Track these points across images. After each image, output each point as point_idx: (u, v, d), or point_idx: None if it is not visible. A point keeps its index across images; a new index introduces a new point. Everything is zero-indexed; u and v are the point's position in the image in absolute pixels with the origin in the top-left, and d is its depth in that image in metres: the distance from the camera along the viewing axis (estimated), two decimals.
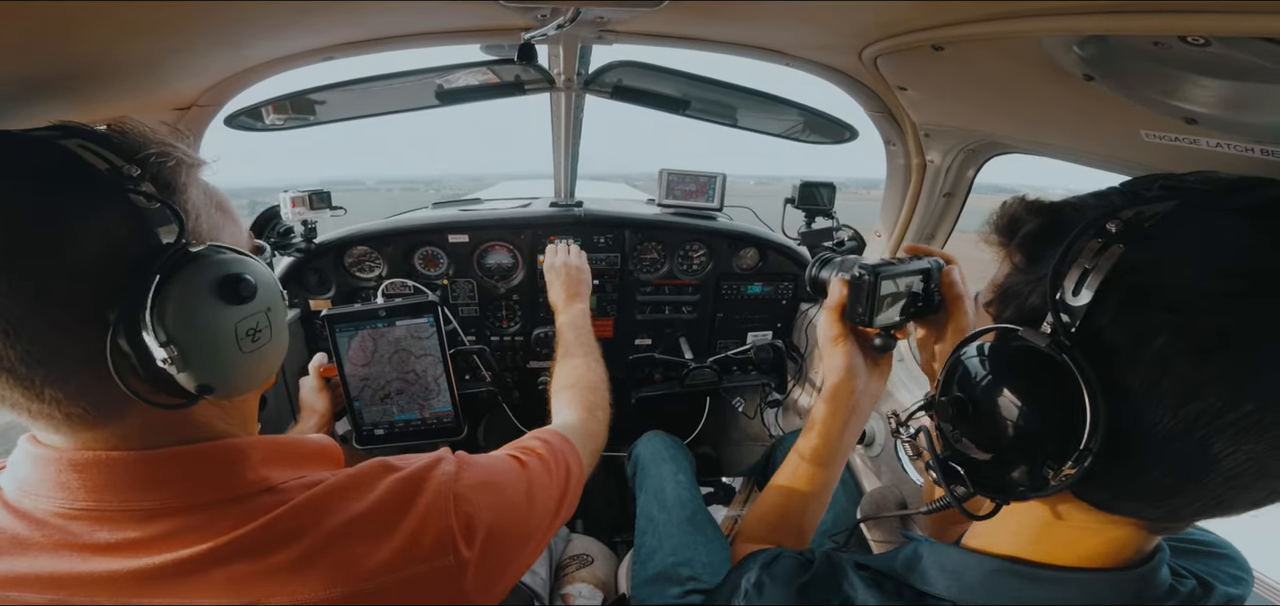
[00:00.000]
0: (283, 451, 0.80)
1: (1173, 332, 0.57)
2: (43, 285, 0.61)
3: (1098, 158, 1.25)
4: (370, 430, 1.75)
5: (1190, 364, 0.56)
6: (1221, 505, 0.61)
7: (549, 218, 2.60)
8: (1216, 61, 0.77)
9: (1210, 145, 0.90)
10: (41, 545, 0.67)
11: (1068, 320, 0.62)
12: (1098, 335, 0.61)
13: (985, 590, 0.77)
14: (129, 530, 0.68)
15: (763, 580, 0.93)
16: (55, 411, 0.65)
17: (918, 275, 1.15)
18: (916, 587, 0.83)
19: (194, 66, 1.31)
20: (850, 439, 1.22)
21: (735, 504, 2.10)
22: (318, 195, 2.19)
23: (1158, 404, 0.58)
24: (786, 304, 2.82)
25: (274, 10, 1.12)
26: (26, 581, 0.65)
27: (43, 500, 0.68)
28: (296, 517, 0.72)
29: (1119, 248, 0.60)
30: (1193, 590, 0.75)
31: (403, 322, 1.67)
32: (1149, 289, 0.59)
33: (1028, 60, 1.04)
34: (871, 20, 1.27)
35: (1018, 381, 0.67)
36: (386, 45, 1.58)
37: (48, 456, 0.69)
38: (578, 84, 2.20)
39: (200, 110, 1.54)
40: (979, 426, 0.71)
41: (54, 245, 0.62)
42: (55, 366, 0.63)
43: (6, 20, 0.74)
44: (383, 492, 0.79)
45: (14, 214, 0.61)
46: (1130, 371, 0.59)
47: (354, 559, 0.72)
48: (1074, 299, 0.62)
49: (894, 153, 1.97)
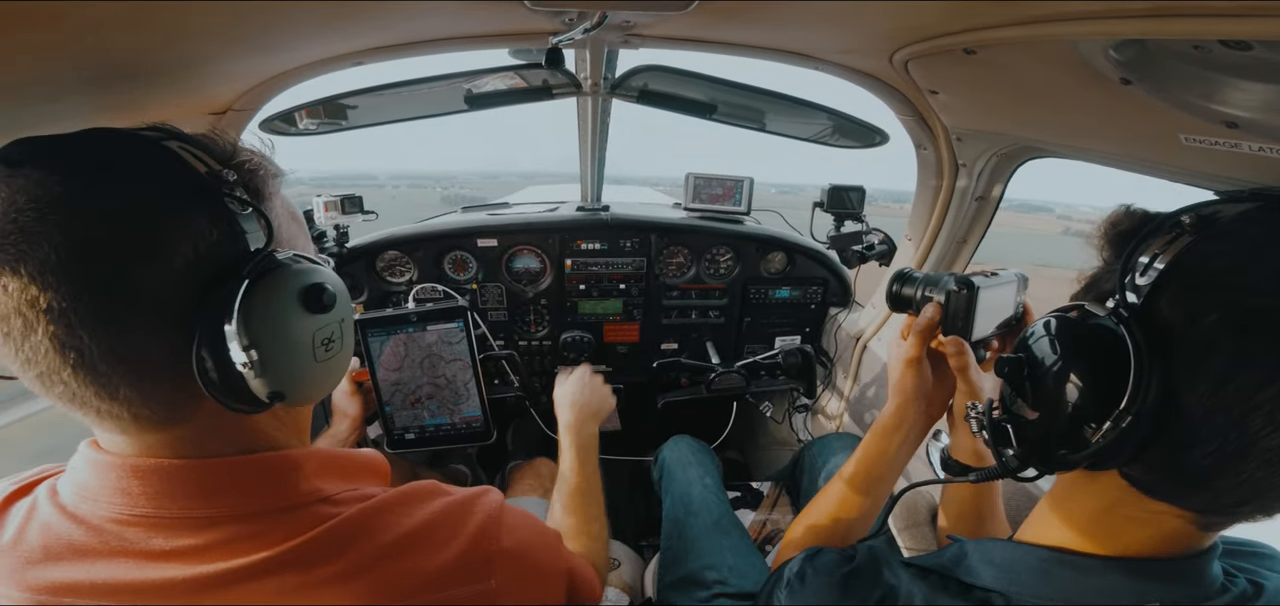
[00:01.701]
0: (336, 464, 0.81)
1: (1222, 312, 0.60)
2: (138, 282, 0.62)
3: (1134, 161, 1.22)
4: (401, 434, 1.77)
5: (1234, 342, 0.59)
6: (1262, 496, 0.64)
7: (576, 221, 2.61)
8: (1259, 65, 0.76)
9: (1252, 149, 0.88)
10: (98, 551, 0.68)
11: (1133, 299, 0.67)
12: (1155, 312, 0.65)
13: (1034, 580, 0.78)
14: (185, 537, 0.68)
15: (805, 570, 0.95)
16: (124, 411, 0.66)
17: (1008, 286, 1.16)
18: (963, 581, 0.83)
19: (230, 71, 1.34)
20: (903, 461, 1.22)
21: (763, 508, 2.08)
22: (349, 199, 2.22)
23: (1201, 380, 0.61)
24: (815, 308, 2.79)
25: (308, 14, 1.14)
26: (81, 588, 0.67)
27: (102, 506, 0.69)
28: (349, 530, 0.73)
29: (1187, 238, 0.65)
30: (1245, 590, 0.75)
31: (433, 327, 1.69)
32: (1209, 273, 0.63)
33: (1062, 64, 1.03)
34: (902, 24, 1.25)
35: (1074, 348, 0.73)
36: (416, 50, 1.60)
37: (110, 462, 0.70)
38: (604, 88, 2.20)
39: (236, 114, 1.57)
40: (1033, 387, 0.77)
41: (151, 244, 0.63)
42: (136, 364, 0.63)
43: (48, 24, 0.76)
44: (433, 513, 0.80)
45: (117, 210, 0.62)
46: (1179, 347, 0.63)
47: (401, 575, 0.74)
48: (1141, 279, 0.67)
49: (925, 157, 1.95)
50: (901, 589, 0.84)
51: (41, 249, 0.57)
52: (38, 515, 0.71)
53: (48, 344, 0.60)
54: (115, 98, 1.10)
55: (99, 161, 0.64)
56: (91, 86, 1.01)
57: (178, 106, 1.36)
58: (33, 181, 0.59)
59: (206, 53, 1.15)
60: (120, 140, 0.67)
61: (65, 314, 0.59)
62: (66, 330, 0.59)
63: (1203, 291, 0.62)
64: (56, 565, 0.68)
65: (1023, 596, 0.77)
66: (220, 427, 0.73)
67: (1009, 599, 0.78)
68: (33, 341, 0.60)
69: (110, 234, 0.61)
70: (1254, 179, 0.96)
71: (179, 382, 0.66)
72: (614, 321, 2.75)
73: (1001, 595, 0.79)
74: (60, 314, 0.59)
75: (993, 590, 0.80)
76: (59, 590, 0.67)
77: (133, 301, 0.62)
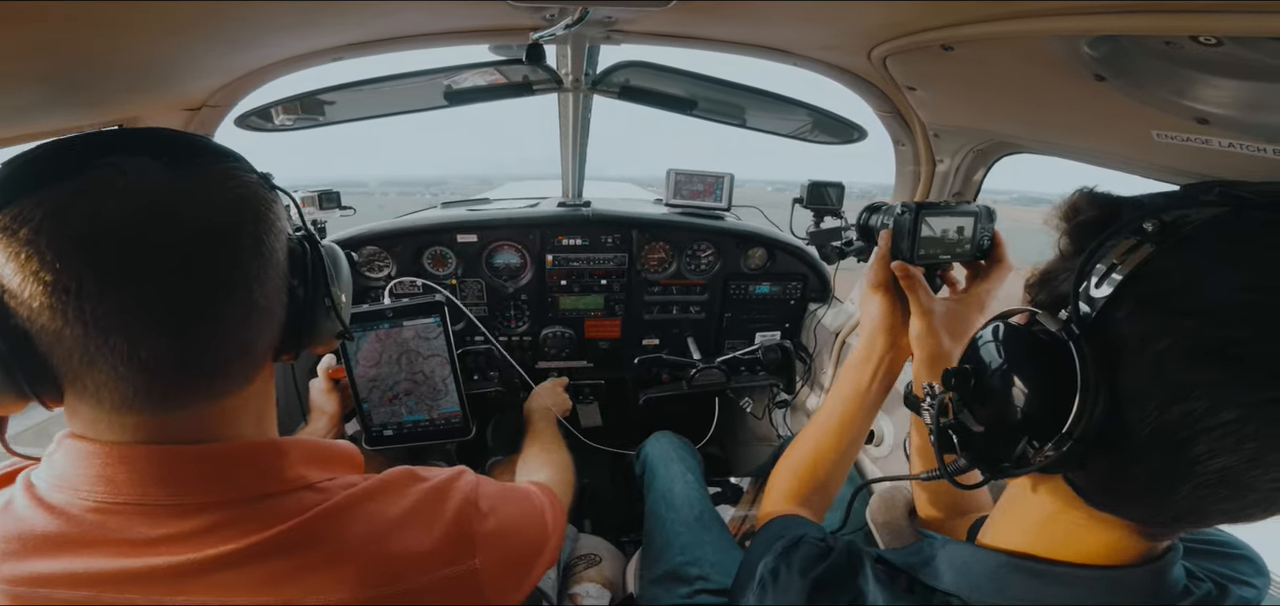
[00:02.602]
0: (317, 453, 0.83)
1: (1176, 337, 0.58)
2: (274, 249, 0.75)
3: (1109, 158, 1.24)
4: (379, 431, 1.76)
5: (1185, 368, 0.57)
6: (1197, 513, 0.63)
7: (557, 217, 2.60)
8: (1229, 61, 0.77)
9: (1222, 145, 0.89)
10: (76, 542, 0.67)
11: (1087, 310, 0.65)
12: (1108, 328, 0.63)
13: (991, 584, 0.78)
14: (168, 525, 0.68)
15: (779, 568, 0.95)
16: (159, 383, 0.68)
17: (968, 218, 1.16)
18: (927, 583, 0.83)
19: (204, 67, 1.32)
20: (878, 396, 1.22)
21: (743, 504, 2.09)
22: (327, 195, 2.20)
23: (1147, 402, 0.60)
24: (795, 304, 2.81)
25: (284, 11, 1.13)
26: (58, 579, 0.65)
27: (81, 494, 0.68)
28: (334, 517, 0.74)
29: (1148, 249, 0.62)
30: (1209, 592, 0.75)
31: (410, 323, 1.67)
32: (1165, 292, 0.60)
33: (1038, 60, 1.04)
34: (880, 20, 1.26)
35: (1021, 360, 0.70)
36: (395, 45, 1.59)
37: (94, 450, 0.69)
38: (585, 84, 2.20)
39: (210, 111, 1.55)
40: (979, 398, 0.74)
41: (280, 221, 0.77)
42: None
43: (17, 21, 0.75)
44: (414, 499, 0.81)
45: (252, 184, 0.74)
46: (1130, 367, 0.61)
47: (387, 560, 0.74)
48: (1097, 291, 0.64)
49: (903, 153, 1.97)
50: (868, 594, 0.84)
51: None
52: (13, 508, 0.70)
53: None
54: (89, 94, 1.08)
55: (211, 151, 0.73)
56: (65, 83, 1.00)
57: (152, 103, 1.35)
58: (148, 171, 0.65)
59: (181, 48, 1.13)
60: (198, 139, 0.75)
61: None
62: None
63: (1158, 312, 0.60)
64: (32, 558, 0.66)
65: (979, 601, 0.77)
66: (212, 417, 0.73)
67: (966, 603, 0.78)
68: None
69: (257, 213, 0.73)
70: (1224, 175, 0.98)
71: (240, 346, 0.74)
72: (595, 317, 2.74)
73: (959, 599, 0.79)
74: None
75: (952, 594, 0.80)
76: (36, 582, 0.65)
77: (266, 261, 0.74)
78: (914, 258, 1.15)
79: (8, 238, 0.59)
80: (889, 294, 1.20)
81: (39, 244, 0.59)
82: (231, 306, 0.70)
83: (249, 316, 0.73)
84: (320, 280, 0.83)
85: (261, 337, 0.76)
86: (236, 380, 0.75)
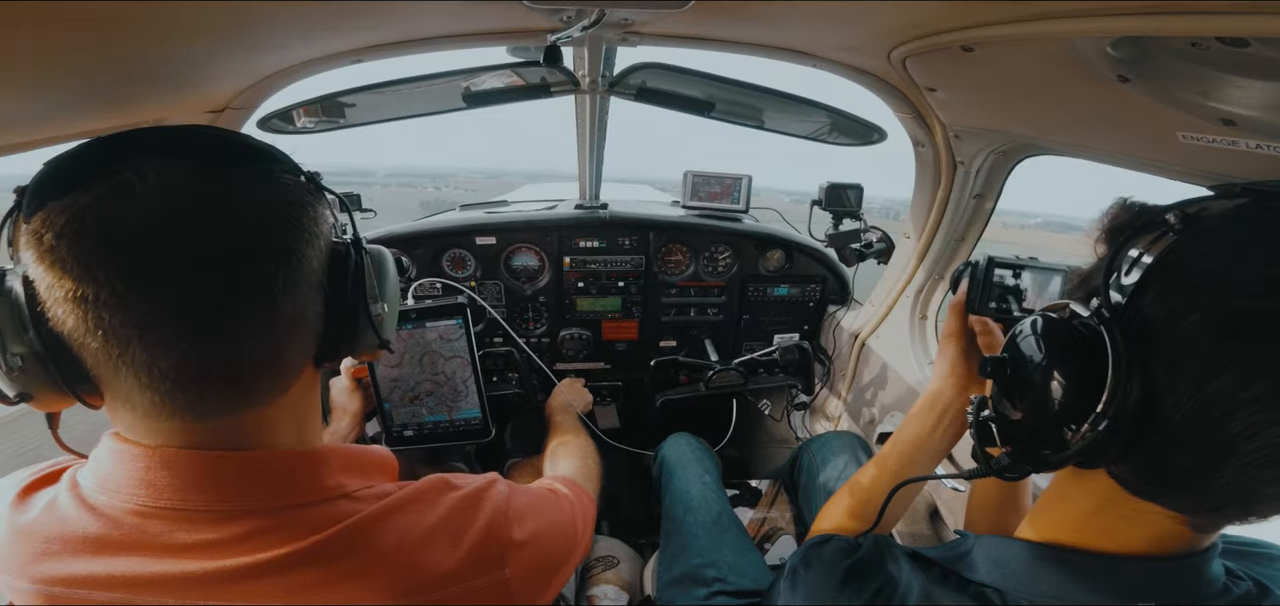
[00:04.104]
0: (356, 460, 0.83)
1: (1203, 312, 0.60)
2: (307, 257, 0.73)
3: (1133, 159, 1.22)
4: (399, 431, 1.77)
5: (1214, 342, 0.59)
6: (1244, 499, 0.63)
7: (575, 219, 2.61)
8: (1256, 62, 0.75)
9: (1249, 147, 0.88)
10: (116, 544, 0.68)
11: (1118, 298, 0.67)
12: (1138, 312, 0.65)
13: (1026, 574, 0.78)
14: (207, 531, 0.68)
15: (811, 557, 0.96)
16: (206, 392, 0.68)
17: (1049, 274, 1.16)
18: (963, 575, 0.83)
19: (227, 69, 1.33)
20: (941, 445, 1.20)
21: (761, 506, 2.08)
22: (348, 197, 2.21)
23: (1181, 380, 0.61)
24: (814, 306, 2.80)
25: (306, 12, 1.14)
26: (96, 581, 0.66)
27: (123, 497, 0.69)
28: (368, 527, 0.74)
29: (1172, 237, 0.64)
30: (1249, 591, 0.75)
31: (433, 325, 1.68)
32: (1191, 273, 0.62)
33: (1060, 62, 1.03)
34: (900, 21, 1.25)
35: (1055, 349, 0.72)
36: (414, 47, 1.60)
37: (137, 453, 0.69)
38: (602, 86, 2.20)
39: (233, 112, 1.57)
40: (1017, 387, 0.76)
41: (315, 220, 0.75)
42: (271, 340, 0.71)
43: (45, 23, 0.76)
44: (448, 508, 0.82)
45: (290, 188, 0.73)
46: (1161, 347, 0.62)
47: (420, 568, 0.75)
48: (1126, 277, 0.67)
49: (923, 154, 1.95)
50: (901, 581, 0.84)
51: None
52: (57, 506, 0.71)
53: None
54: (113, 96, 1.10)
55: (244, 151, 0.73)
56: (89, 86, 1.01)
57: (176, 105, 1.36)
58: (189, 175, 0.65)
59: (204, 51, 1.15)
60: (238, 137, 0.76)
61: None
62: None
63: (1185, 291, 0.62)
64: (71, 558, 0.68)
65: (1016, 593, 0.77)
66: (252, 425, 0.74)
67: (1004, 595, 0.78)
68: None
69: (297, 222, 0.72)
70: (1251, 176, 0.96)
71: (269, 356, 0.72)
72: (613, 319, 2.75)
73: (996, 591, 0.79)
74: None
75: (988, 586, 0.80)
76: (73, 583, 0.67)
77: (302, 272, 0.73)
78: (980, 307, 1.16)
79: (36, 244, 0.60)
80: (961, 343, 1.20)
81: (60, 251, 0.60)
82: (253, 317, 0.68)
83: (275, 326, 0.70)
84: (360, 291, 0.82)
85: (293, 347, 0.75)
86: (270, 390, 0.74)
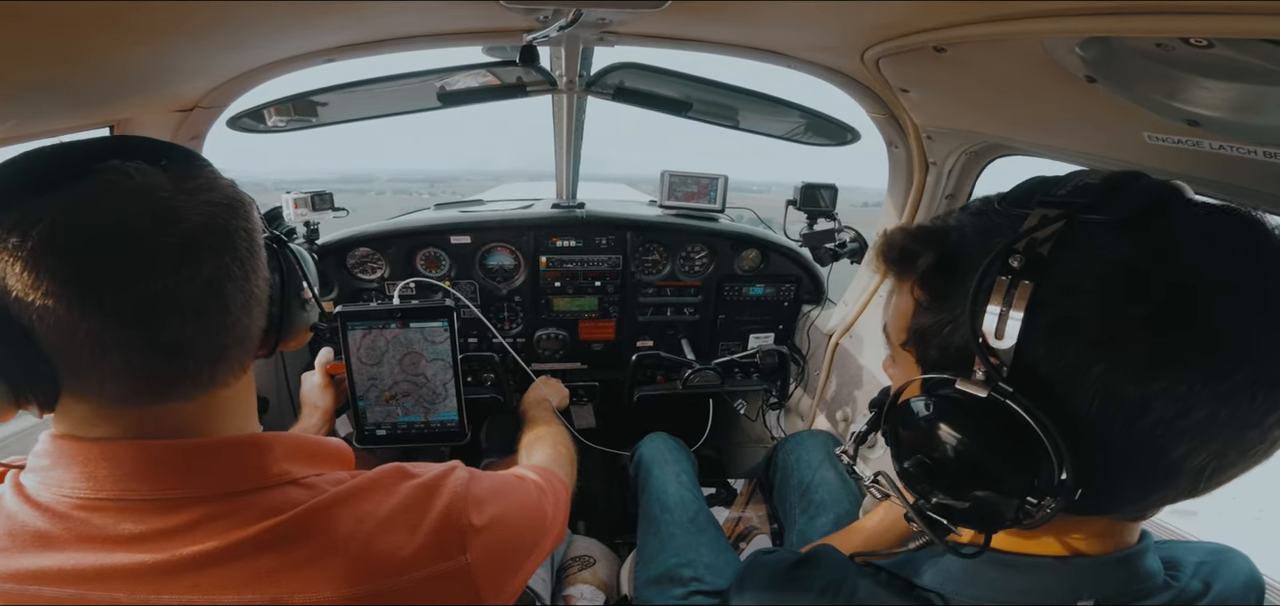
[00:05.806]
0: (303, 448, 0.82)
1: (1106, 361, 0.57)
2: (259, 245, 0.79)
3: (1100, 159, 1.24)
4: (372, 430, 1.74)
5: (1133, 385, 0.57)
6: (1193, 494, 0.64)
7: (551, 219, 2.60)
8: (1219, 63, 0.77)
9: (1213, 147, 0.90)
10: (63, 538, 0.67)
11: (998, 363, 0.62)
12: (1034, 372, 0.60)
13: (968, 579, 0.77)
14: (153, 521, 0.68)
15: (757, 558, 0.97)
16: (140, 384, 0.69)
17: None
18: (909, 580, 0.83)
19: (196, 68, 1.32)
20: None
21: (737, 505, 2.09)
22: (319, 196, 2.18)
23: (1112, 424, 0.59)
24: (788, 306, 2.81)
25: (276, 12, 1.13)
26: (47, 576, 0.65)
27: (66, 491, 0.68)
28: (321, 514, 0.74)
29: (1027, 284, 0.60)
30: (1186, 587, 0.76)
31: (417, 326, 1.66)
32: (1067, 321, 0.59)
33: (1030, 62, 1.04)
34: (873, 22, 1.27)
35: (974, 432, 0.64)
36: (389, 47, 1.58)
37: (77, 448, 0.69)
38: (579, 86, 2.20)
39: (203, 112, 1.55)
40: (949, 481, 0.68)
41: (255, 225, 0.79)
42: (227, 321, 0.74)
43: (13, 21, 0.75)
44: (404, 495, 0.81)
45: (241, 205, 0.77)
46: (1076, 400, 0.59)
47: (376, 557, 0.74)
48: (998, 341, 0.61)
49: (896, 155, 1.97)
50: (847, 580, 0.84)
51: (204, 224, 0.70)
52: (2, 505, 0.70)
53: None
54: (82, 95, 1.08)
55: (195, 157, 0.77)
56: (58, 84, 1.00)
57: (144, 103, 1.34)
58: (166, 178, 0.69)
59: (175, 49, 1.13)
60: (180, 149, 0.78)
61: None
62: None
63: (1074, 343, 0.59)
64: (20, 554, 0.66)
65: (958, 594, 0.77)
66: (205, 407, 0.75)
67: (946, 599, 0.78)
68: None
69: (237, 230, 0.75)
70: (1215, 176, 0.99)
71: (241, 332, 0.77)
72: (589, 318, 2.74)
73: (939, 595, 0.78)
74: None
75: (931, 590, 0.79)
76: (23, 578, 0.65)
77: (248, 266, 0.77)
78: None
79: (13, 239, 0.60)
80: None
81: (55, 240, 0.60)
82: (235, 295, 0.74)
83: (248, 304, 0.77)
84: (293, 274, 0.91)
85: (255, 326, 0.80)
86: (234, 369, 0.78)
